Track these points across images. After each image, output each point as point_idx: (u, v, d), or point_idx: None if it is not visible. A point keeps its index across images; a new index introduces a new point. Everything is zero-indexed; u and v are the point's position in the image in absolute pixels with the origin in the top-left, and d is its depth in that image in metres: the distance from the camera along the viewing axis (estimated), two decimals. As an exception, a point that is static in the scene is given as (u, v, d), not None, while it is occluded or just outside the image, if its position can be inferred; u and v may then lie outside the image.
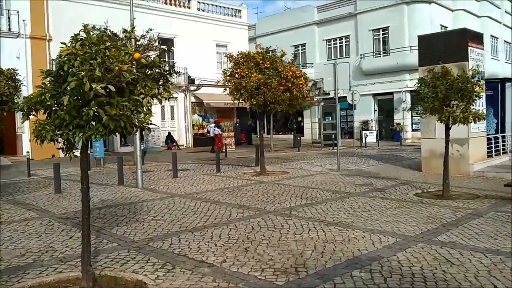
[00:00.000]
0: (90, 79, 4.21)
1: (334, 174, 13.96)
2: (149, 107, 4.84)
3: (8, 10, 22.32)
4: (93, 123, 4.56)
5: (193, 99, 30.90)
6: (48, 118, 4.61)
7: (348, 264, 5.35)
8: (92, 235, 6.90)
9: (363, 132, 28.51)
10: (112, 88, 4.27)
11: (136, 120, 4.57)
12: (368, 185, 11.67)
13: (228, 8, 34.02)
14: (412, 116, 31.30)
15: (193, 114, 31.19)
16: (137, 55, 4.77)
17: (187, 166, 17.55)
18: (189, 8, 31.34)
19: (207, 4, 32.79)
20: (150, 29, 19.02)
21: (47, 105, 4.51)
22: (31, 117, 4.72)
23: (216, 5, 33.24)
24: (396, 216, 7.98)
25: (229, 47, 29.24)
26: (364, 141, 26.88)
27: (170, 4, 30.22)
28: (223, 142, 23.91)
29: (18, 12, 22.22)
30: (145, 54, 4.94)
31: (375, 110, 33.22)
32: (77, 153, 4.92)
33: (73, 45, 4.44)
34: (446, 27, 30.75)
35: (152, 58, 4.98)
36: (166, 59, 27.71)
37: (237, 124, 32.05)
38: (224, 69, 14.10)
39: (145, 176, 14.08)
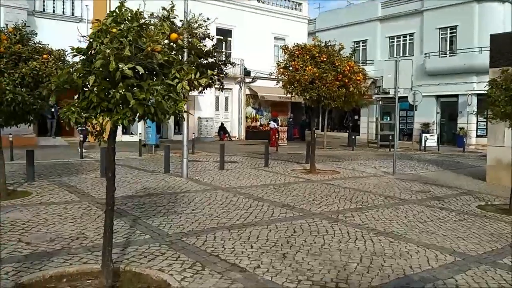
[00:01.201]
0: (118, 58, 3.82)
1: (389, 177, 13.11)
2: (184, 93, 4.39)
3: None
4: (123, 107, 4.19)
5: (247, 91, 30.62)
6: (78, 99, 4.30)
7: (398, 283, 4.71)
8: (127, 224, 6.68)
9: (423, 135, 27.05)
10: (140, 69, 3.86)
11: (167, 106, 4.14)
12: (425, 192, 10.79)
13: (288, 0, 33.37)
14: (477, 121, 29.45)
15: (247, 106, 30.92)
16: (174, 35, 4.34)
17: (236, 158, 17.22)
18: (249, -1, 30.99)
19: (268, -4, 32.32)
20: (208, 18, 18.86)
21: (75, 85, 4.17)
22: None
23: (277, -2, 32.70)
24: (456, 230, 7.17)
25: (287, 40, 28.60)
26: (423, 144, 25.50)
27: (231, -6, 29.98)
28: (275, 136, 23.39)
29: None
30: (183, 36, 4.50)
31: (437, 113, 31.54)
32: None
33: (105, 21, 4.08)
34: (520, 28, 28.59)
35: (191, 40, 4.52)
36: (224, 50, 27.57)
37: (291, 119, 31.47)
38: (278, 61, 13.55)
39: (192, 166, 13.89)
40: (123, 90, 3.96)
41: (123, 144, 21.91)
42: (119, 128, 4.47)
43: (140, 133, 18.85)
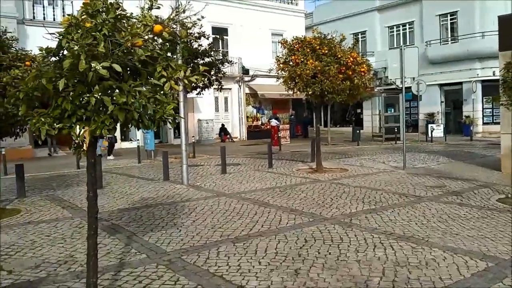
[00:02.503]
0: (90, 56, 3.22)
1: (400, 172, 12.47)
2: (173, 94, 3.78)
3: None
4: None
5: (247, 90, 30.01)
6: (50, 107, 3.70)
7: (430, 301, 4.10)
8: (122, 242, 6.07)
9: (429, 125, 26.36)
10: (118, 68, 3.26)
11: (152, 110, 3.54)
12: (441, 187, 10.15)
13: (284, -5, 32.73)
14: (483, 108, 28.78)
15: (247, 105, 30.31)
16: (158, 27, 3.72)
17: (238, 160, 16.61)
18: (244, -4, 30.35)
19: (263, -9, 31.68)
20: (202, 17, 18.22)
21: (46, 91, 3.57)
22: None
23: (272, -7, 32.04)
24: (481, 229, 6.55)
25: (285, 35, 27.91)
26: (430, 135, 24.82)
27: (225, -8, 29.35)
28: (277, 135, 22.76)
29: None
30: (169, 28, 3.88)
31: (441, 102, 30.83)
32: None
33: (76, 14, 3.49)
34: (525, 11, 27.84)
35: (178, 32, 3.91)
36: (220, 49, 26.95)
37: (292, 116, 30.84)
38: (277, 56, 12.93)
39: (193, 171, 13.30)
40: (99, 94, 3.37)
41: (123, 151, 21.38)
42: (118, 136, 3.87)
43: (137, 139, 18.22)
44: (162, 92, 3.70)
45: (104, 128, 3.51)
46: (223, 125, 28.25)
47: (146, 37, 3.80)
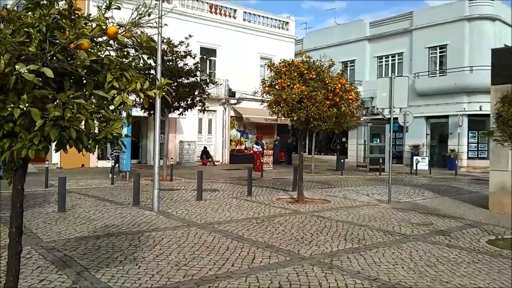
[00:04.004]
0: (15, 57, 2.58)
1: (385, 207, 11.87)
2: (126, 109, 3.13)
3: None
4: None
5: (232, 113, 29.45)
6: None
7: None
8: (70, 279, 5.29)
9: (414, 157, 25.99)
10: (49, 72, 2.61)
11: (96, 129, 2.89)
12: (427, 225, 9.55)
13: (275, 19, 32.58)
14: (468, 143, 28.58)
15: (231, 129, 29.70)
16: (112, 29, 3.10)
17: (217, 185, 15.87)
18: (234, 18, 30.10)
19: (254, 14, 31.50)
20: (190, 36, 17.72)
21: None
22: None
23: (263, 16, 31.87)
24: (473, 276, 5.94)
25: (274, 60, 27.67)
26: (415, 167, 24.41)
27: (215, 13, 29.07)
28: (260, 161, 22.11)
29: None
30: (131, 31, 3.26)
31: (427, 134, 30.61)
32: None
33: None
34: (512, 48, 27.96)
35: (138, 37, 3.27)
36: (208, 69, 26.47)
37: (277, 142, 30.27)
38: (263, 79, 12.38)
39: (167, 196, 12.55)
40: (27, 104, 2.71)
41: (98, 171, 20.50)
42: (93, 154, 3.22)
43: (111, 159, 17.38)
44: (109, 106, 3.06)
45: (32, 149, 2.84)
46: (205, 147, 27.53)
47: (100, 39, 3.18)
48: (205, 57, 22.26)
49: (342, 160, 24.27)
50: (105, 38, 3.14)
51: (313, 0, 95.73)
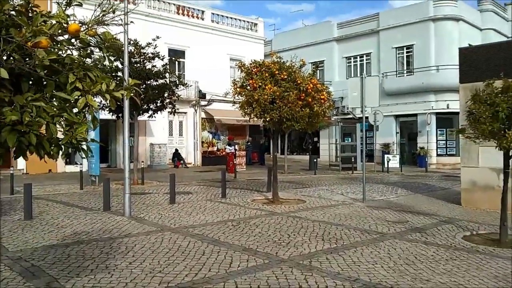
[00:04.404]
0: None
1: (360, 205, 11.87)
2: (91, 111, 2.91)
3: None
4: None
5: (203, 115, 29.19)
6: None
7: None
8: (37, 290, 4.99)
9: (385, 156, 26.29)
10: (3, 73, 2.38)
11: (55, 132, 2.66)
12: (403, 222, 9.57)
13: (243, 21, 32.50)
14: (437, 140, 29.10)
15: (203, 130, 29.42)
16: (74, 26, 2.88)
17: (190, 188, 15.60)
18: (202, 19, 29.86)
19: (222, 16, 31.33)
20: (158, 37, 17.38)
21: None
22: None
23: (231, 18, 31.74)
24: (453, 273, 5.92)
25: (244, 61, 27.56)
26: (386, 165, 24.69)
27: (183, 14, 28.75)
28: (233, 162, 21.91)
29: None
30: (94, 29, 3.04)
31: (397, 133, 31.03)
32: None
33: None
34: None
35: (102, 35, 3.06)
36: (176, 71, 26.12)
37: (249, 143, 30.14)
38: (234, 80, 12.21)
39: (138, 200, 12.23)
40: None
41: (66, 176, 19.95)
42: (60, 158, 2.99)
43: (81, 163, 16.87)
44: (74, 109, 2.83)
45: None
46: (176, 150, 27.15)
47: (61, 38, 2.95)
48: (173, 58, 21.94)
49: (315, 160, 24.32)
50: (66, 36, 2.92)
51: (280, 1, 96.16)
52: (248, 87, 11.57)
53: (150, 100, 17.01)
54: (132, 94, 3.10)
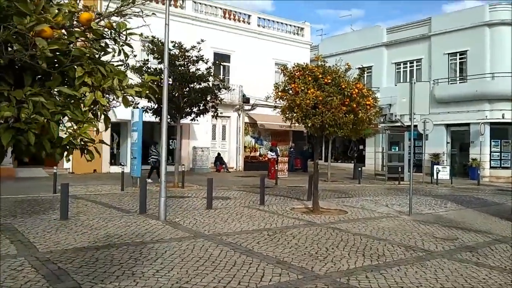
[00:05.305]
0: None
1: (405, 219, 11.19)
2: (101, 109, 2.62)
3: None
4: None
5: (246, 120, 29.00)
6: None
7: None
8: (59, 297, 4.80)
9: (435, 166, 25.12)
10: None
11: (55, 131, 2.38)
12: (452, 239, 8.87)
13: (290, 25, 32.13)
14: (491, 152, 27.57)
15: (245, 135, 29.22)
16: (85, 15, 2.61)
17: (229, 193, 15.35)
18: (249, 23, 29.72)
19: (268, 20, 31.10)
20: (202, 40, 17.32)
21: None
22: None
23: (278, 22, 31.46)
24: (508, 302, 5.29)
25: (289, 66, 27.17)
26: (435, 177, 23.56)
27: (229, 19, 28.72)
28: (274, 168, 21.51)
29: None
30: (109, 21, 2.77)
31: (447, 143, 29.67)
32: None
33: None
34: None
35: (117, 26, 2.77)
36: (221, 75, 26.09)
37: (292, 149, 29.67)
38: (276, 83, 11.86)
39: (176, 204, 12.07)
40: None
41: (110, 177, 20.19)
42: (106, 159, 2.74)
43: (125, 164, 16.99)
44: (82, 106, 2.55)
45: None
46: (219, 154, 27.08)
47: (76, 29, 2.68)
48: (217, 62, 21.81)
49: (360, 168, 23.57)
50: (81, 28, 2.65)
51: (330, 8, 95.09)
52: (290, 91, 11.19)
53: (193, 103, 16.97)
54: (147, 92, 2.80)
